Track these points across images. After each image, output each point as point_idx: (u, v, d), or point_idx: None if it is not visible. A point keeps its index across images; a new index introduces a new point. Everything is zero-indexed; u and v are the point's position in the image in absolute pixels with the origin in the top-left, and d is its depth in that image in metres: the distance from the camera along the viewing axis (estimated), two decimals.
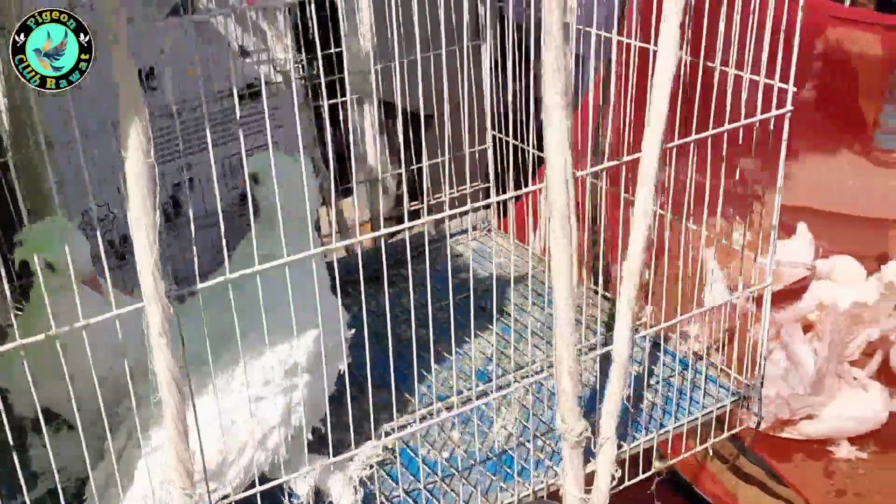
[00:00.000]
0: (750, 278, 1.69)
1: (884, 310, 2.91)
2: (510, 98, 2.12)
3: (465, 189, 2.07)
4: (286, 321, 1.37)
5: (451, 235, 2.33)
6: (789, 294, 3.25)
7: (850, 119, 3.75)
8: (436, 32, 1.64)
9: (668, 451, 1.69)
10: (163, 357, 1.13)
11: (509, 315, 2.05)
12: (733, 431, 1.75)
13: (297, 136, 2.04)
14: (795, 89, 1.45)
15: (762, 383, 1.72)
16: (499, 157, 2.28)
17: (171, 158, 1.94)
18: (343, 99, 2.11)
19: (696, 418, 1.71)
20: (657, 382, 1.80)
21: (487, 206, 2.26)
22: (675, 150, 1.53)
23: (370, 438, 1.61)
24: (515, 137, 2.18)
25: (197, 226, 2.05)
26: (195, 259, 1.21)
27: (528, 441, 1.70)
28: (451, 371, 1.85)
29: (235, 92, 1.20)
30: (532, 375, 1.79)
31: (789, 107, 1.46)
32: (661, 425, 1.70)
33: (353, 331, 1.54)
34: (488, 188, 2.30)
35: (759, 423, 1.74)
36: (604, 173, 1.86)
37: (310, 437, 1.55)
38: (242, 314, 1.32)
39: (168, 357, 1.13)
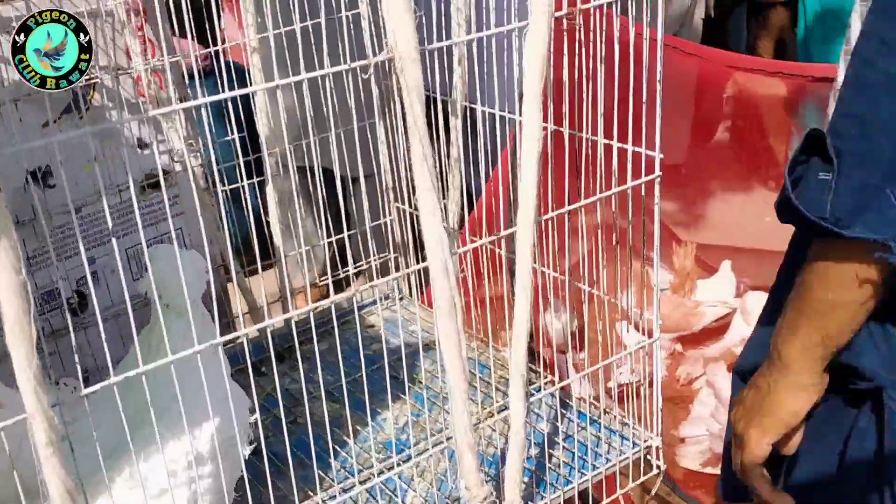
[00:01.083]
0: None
1: None
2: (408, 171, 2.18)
3: (372, 261, 2.12)
4: (187, 410, 1.39)
5: (363, 307, 2.37)
6: (713, 331, 3.37)
7: (762, 157, 3.91)
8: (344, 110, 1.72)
9: None
10: (52, 468, 1.14)
11: (421, 382, 2.09)
12: (638, 482, 1.80)
13: (198, 221, 2.08)
14: (662, 156, 1.52)
15: (661, 433, 1.78)
16: (405, 229, 2.34)
17: (73, 254, 1.97)
18: (250, 181, 2.15)
19: (601, 472, 1.77)
20: (564, 439, 1.85)
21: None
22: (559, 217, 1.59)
23: None
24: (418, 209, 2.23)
25: (106, 316, 2.08)
26: (106, 351, 1.23)
27: None
28: (366, 444, 1.87)
29: (133, 185, 1.23)
30: (444, 441, 1.82)
31: (657, 172, 1.54)
32: (567, 482, 1.75)
33: (256, 416, 1.56)
34: (396, 258, 2.35)
35: (661, 473, 1.80)
36: (502, 242, 1.92)
37: None
38: (140, 408, 1.34)
39: (58, 467, 1.15)
